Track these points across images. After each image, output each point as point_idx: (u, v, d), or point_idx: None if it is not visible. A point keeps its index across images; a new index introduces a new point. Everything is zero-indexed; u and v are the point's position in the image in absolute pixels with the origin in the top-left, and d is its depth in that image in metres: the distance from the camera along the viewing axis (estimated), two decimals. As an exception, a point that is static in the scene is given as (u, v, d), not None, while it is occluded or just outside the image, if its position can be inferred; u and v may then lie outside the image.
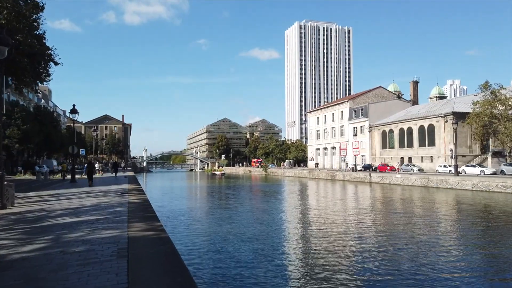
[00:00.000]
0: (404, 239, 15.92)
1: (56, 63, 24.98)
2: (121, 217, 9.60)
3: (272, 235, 17.00)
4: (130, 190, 19.57)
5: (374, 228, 18.61)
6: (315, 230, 18.24)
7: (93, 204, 13.14)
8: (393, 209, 26.07)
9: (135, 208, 11.40)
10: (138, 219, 9.17)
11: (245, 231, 17.38)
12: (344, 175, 57.87)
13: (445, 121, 57.88)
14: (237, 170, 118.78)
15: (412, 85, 79.97)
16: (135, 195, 16.52)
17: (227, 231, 17.46)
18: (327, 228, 18.76)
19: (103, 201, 14.34)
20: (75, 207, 12.54)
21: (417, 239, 15.94)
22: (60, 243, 6.80)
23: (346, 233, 17.40)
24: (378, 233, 17.21)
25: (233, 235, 16.62)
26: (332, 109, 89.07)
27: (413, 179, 43.44)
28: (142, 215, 9.99)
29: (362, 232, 17.57)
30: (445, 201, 30.37)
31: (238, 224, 19.35)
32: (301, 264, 12.45)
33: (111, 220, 9.26)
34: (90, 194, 17.61)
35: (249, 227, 18.69)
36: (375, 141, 73.51)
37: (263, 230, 18.20)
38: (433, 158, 60.28)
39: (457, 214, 23.77)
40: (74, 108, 31.33)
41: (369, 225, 19.66)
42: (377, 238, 16.04)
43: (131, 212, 10.59)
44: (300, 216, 23.62)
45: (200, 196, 40.72)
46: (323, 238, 16.47)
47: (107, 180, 31.35)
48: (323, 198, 34.53)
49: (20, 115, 51.35)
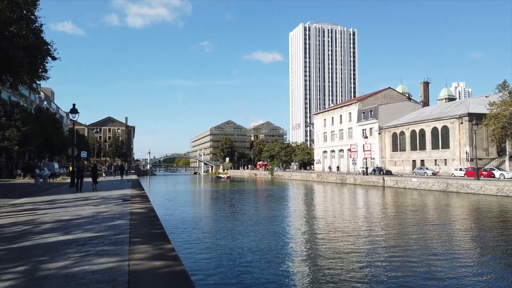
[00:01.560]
0: (440, 259, 13.85)
1: (53, 57, 23.14)
2: (121, 235, 7.64)
3: (300, 252, 14.95)
4: (133, 196, 17.63)
5: (402, 248, 16.54)
6: (342, 247, 16.21)
7: (90, 215, 11.20)
8: (423, 219, 23.94)
9: (138, 222, 9.43)
10: (142, 239, 7.21)
11: (266, 247, 15.16)
12: (355, 178, 55.69)
13: (460, 123, 55.68)
14: (242, 173, 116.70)
15: (422, 85, 77.76)
16: (139, 202, 14.57)
17: (247, 247, 14.95)
18: (354, 247, 16.72)
19: (101, 210, 12.40)
20: (68, 218, 10.61)
21: (452, 260, 13.85)
22: (34, 280, 4.84)
23: (376, 254, 15.35)
24: (405, 251, 15.15)
25: (253, 252, 14.39)
26: (340, 111, 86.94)
27: (430, 183, 41.21)
28: (147, 231, 8.02)
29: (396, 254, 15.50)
30: (470, 207, 28.19)
31: (256, 237, 17.04)
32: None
33: (108, 239, 7.30)
34: (88, 201, 15.68)
35: (269, 241, 16.67)
36: (385, 144, 71.33)
37: (287, 246, 16.19)
38: (447, 161, 58.04)
39: (490, 225, 21.61)
40: (74, 107, 29.53)
41: (397, 244, 17.58)
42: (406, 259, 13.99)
43: (134, 226, 8.63)
44: (322, 228, 21.56)
45: (207, 202, 38.68)
46: (350, 261, 14.44)
47: (109, 185, 29.46)
48: (338, 205, 32.44)
49: (20, 116, 49.62)
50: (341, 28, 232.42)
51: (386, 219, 22.95)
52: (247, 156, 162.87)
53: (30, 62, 21.52)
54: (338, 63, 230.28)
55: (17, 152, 53.30)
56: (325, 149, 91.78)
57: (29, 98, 75.15)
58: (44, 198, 18.44)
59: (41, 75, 25.14)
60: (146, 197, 17.39)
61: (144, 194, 19.00)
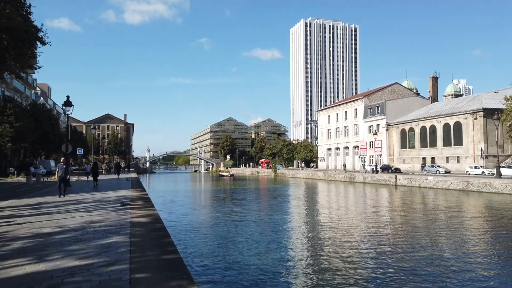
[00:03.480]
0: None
1: (43, 42, 20.60)
2: (117, 266, 5.19)
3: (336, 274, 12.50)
4: (133, 199, 15.18)
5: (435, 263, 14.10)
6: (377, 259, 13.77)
7: (78, 226, 8.75)
8: (453, 224, 21.51)
9: (142, 239, 6.98)
10: (150, 273, 4.76)
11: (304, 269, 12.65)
12: (365, 177, 53.25)
13: (474, 118, 53.25)
14: (243, 171, 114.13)
15: (431, 80, 75.16)
16: (140, 207, 12.12)
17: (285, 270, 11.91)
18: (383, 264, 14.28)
19: (94, 218, 9.95)
20: (49, 231, 8.16)
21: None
22: None
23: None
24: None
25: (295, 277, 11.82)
26: (345, 107, 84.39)
27: (448, 182, 38.77)
28: (155, 258, 5.57)
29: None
30: (501, 209, 25.76)
31: (285, 253, 14.12)
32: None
33: (97, 275, 4.84)
34: (80, 206, 13.23)
35: (301, 258, 14.22)
36: (393, 141, 68.88)
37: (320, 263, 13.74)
38: (460, 159, 55.62)
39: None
40: (68, 100, 27.11)
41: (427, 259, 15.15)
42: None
43: (137, 248, 6.19)
44: (348, 234, 19.13)
45: (214, 204, 36.11)
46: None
47: (107, 184, 27.01)
48: (353, 207, 30.04)
49: (13, 111, 47.02)
50: (343, 24, 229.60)
51: (413, 224, 20.52)
52: (248, 153, 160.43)
53: (16, 46, 19.01)
54: (340, 60, 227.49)
55: (10, 149, 50.83)
56: (329, 147, 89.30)
57: (24, 93, 72.41)
58: (31, 200, 16.00)
59: (30, 63, 22.66)
60: (149, 200, 14.92)
61: (145, 196, 16.53)
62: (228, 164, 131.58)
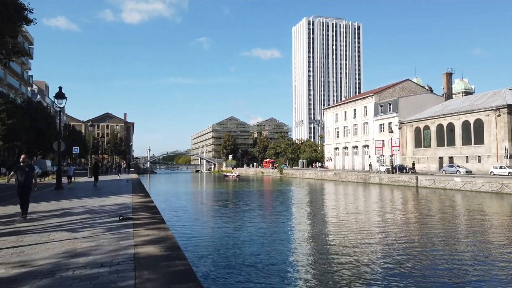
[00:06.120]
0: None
1: (28, 20, 17.28)
2: None
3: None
4: (135, 208, 11.88)
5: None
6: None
7: (49, 266, 5.43)
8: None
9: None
10: None
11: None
12: (381, 178, 49.93)
13: (498, 115, 49.97)
14: (247, 171, 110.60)
15: (445, 77, 71.85)
16: (147, 224, 8.79)
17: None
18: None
19: (78, 246, 6.65)
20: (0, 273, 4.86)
21: None
22: None
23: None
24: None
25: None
26: (354, 105, 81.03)
27: (479, 184, 35.43)
28: None
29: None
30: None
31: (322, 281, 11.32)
32: None
33: None
34: (66, 220, 9.89)
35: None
36: (406, 139, 65.57)
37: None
38: (481, 158, 52.31)
39: None
40: (60, 91, 24.02)
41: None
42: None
43: None
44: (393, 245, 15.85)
45: (224, 210, 32.90)
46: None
47: (106, 186, 23.69)
48: (383, 213, 26.75)
49: (5, 108, 43.70)
50: (346, 22, 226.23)
51: (459, 233, 17.25)
52: (250, 153, 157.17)
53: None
54: (343, 58, 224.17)
55: (2, 148, 47.55)
56: (337, 146, 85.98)
57: (19, 90, 69.18)
58: (8, 209, 12.68)
59: (17, 47, 19.34)
60: (156, 211, 11.55)
61: (151, 204, 13.17)
62: (231, 164, 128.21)
